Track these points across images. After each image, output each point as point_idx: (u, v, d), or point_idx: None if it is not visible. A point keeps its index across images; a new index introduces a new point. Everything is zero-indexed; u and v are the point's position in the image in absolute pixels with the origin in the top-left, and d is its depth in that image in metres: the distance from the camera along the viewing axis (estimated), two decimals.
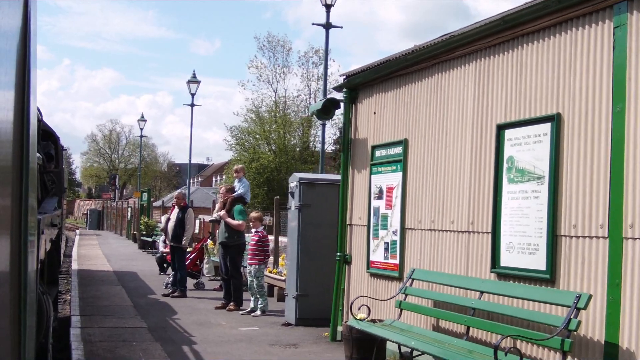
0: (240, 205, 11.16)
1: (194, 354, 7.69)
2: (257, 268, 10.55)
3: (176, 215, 12.40)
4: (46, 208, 5.90)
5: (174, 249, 12.44)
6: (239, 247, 11.12)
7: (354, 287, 8.39)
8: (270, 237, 13.88)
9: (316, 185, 9.66)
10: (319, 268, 9.53)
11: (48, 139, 8.00)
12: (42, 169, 6.28)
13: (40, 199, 5.69)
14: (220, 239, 11.07)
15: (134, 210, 32.06)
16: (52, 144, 8.09)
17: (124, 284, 14.31)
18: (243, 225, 11.03)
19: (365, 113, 8.39)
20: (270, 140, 46.97)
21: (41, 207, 5.59)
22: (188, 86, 23.88)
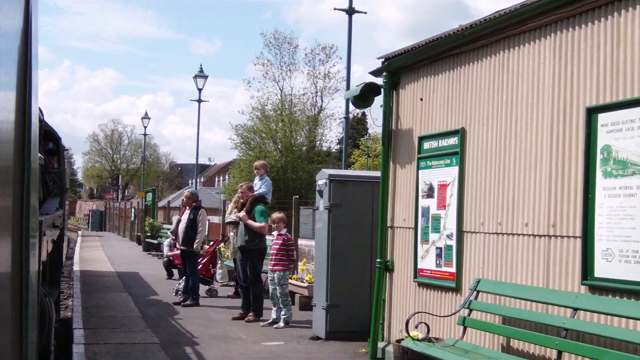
0: (262, 205, 10.12)
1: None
2: (281, 275, 9.52)
3: (187, 217, 11.36)
4: (48, 209, 5.76)
5: (185, 254, 11.40)
6: (259, 252, 10.08)
7: (398, 298, 7.34)
8: None
9: (348, 182, 8.61)
10: (352, 275, 8.49)
11: (50, 139, 7.97)
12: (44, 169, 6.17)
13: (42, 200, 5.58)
14: (240, 243, 10.01)
15: (138, 210, 31.02)
16: (53, 144, 8.10)
17: (130, 291, 13.28)
18: (265, 227, 9.99)
19: (410, 100, 7.35)
20: (277, 139, 45.93)
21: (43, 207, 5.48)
22: (195, 81, 22.83)
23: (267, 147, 46.87)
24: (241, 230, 9.98)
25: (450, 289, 6.42)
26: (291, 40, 50.93)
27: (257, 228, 9.84)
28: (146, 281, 15.15)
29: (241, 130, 46.24)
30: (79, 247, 26.95)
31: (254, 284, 9.97)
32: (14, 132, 1.86)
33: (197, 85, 22.85)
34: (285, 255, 9.58)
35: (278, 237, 9.61)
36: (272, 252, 9.65)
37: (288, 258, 9.63)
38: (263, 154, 45.56)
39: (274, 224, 9.72)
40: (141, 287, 14.11)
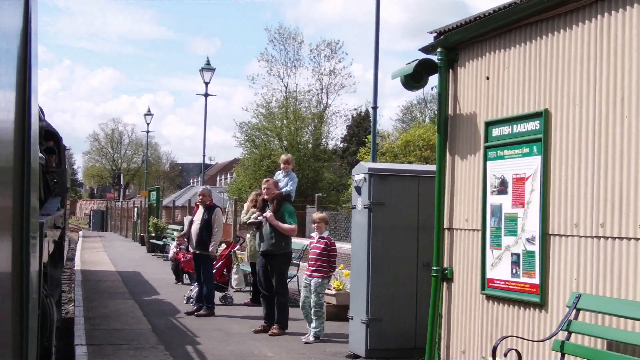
0: (290, 205, 9.02)
1: None
2: (319, 282, 8.41)
3: (201, 217, 10.23)
4: (49, 209, 5.67)
5: (199, 258, 10.27)
6: (286, 257, 8.97)
7: (459, 314, 6.22)
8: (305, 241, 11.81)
9: (390, 177, 7.49)
10: (396, 284, 7.38)
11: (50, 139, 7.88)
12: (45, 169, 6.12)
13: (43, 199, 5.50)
14: (264, 247, 8.88)
15: (141, 210, 29.91)
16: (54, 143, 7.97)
17: (136, 297, 12.17)
18: (295, 230, 8.89)
19: (472, 79, 6.23)
20: (282, 137, 44.81)
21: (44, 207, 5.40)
22: (201, 74, 21.70)
23: (272, 145, 45.79)
24: (266, 233, 8.87)
25: (531, 304, 5.30)
26: (296, 36, 49.88)
27: (287, 230, 8.73)
28: (153, 286, 14.05)
29: (245, 128, 45.15)
30: (80, 248, 25.86)
31: (279, 292, 8.85)
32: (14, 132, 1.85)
33: (204, 79, 21.72)
34: (327, 261, 8.48)
35: (319, 241, 8.50)
36: (312, 257, 8.55)
37: (329, 265, 8.53)
38: (268, 151, 44.48)
39: (315, 225, 8.60)
40: (148, 293, 13.01)
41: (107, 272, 16.81)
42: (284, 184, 9.18)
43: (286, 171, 9.32)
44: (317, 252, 8.47)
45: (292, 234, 8.87)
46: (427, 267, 7.24)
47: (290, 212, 8.88)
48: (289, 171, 9.35)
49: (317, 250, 8.48)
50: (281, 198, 8.95)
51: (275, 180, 9.21)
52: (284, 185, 9.13)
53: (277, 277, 8.81)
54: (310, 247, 8.68)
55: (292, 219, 8.83)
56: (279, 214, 8.81)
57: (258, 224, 9.09)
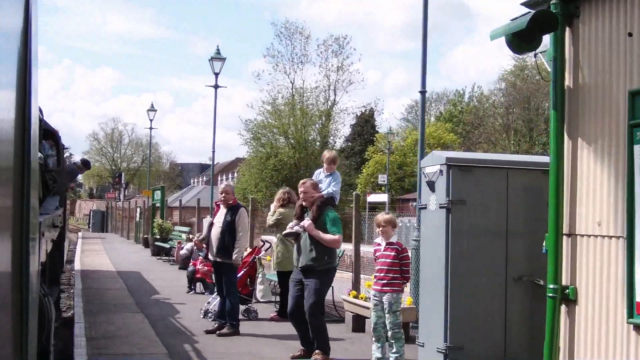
0: (334, 210, 7.46)
1: None
2: (394, 298, 6.88)
3: (223, 218, 8.68)
4: (47, 207, 5.66)
5: (221, 267, 8.72)
6: (328, 274, 7.41)
7: (588, 347, 4.69)
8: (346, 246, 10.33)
9: (475, 169, 5.96)
10: (482, 304, 5.86)
11: (49, 138, 7.90)
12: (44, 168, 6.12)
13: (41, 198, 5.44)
14: (303, 262, 7.32)
15: (144, 210, 28.36)
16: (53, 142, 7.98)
17: (145, 310, 10.63)
18: (340, 240, 7.32)
19: (604, 36, 4.69)
20: (289, 134, 43.26)
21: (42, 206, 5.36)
22: (211, 64, 20.13)
23: (278, 143, 44.28)
24: (305, 245, 7.32)
25: None
26: (303, 31, 48.37)
27: (330, 242, 7.18)
28: (163, 295, 12.50)
29: (251, 126, 43.63)
30: (80, 250, 24.31)
31: (313, 314, 7.27)
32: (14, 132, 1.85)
33: (214, 69, 20.15)
34: (399, 272, 6.96)
35: (388, 248, 6.98)
36: (381, 267, 7.03)
37: (402, 276, 7.01)
38: (275, 150, 42.95)
39: (380, 229, 7.07)
40: (158, 304, 11.46)
41: (110, 278, 15.26)
42: (325, 185, 7.62)
43: (329, 171, 7.75)
44: (388, 262, 6.94)
45: (336, 245, 7.32)
46: (518, 281, 5.73)
47: (334, 220, 7.31)
48: (333, 170, 7.77)
49: (386, 259, 6.96)
50: (322, 202, 7.40)
51: (314, 182, 7.63)
52: (326, 187, 7.58)
53: (314, 296, 7.25)
54: (377, 256, 7.16)
55: (336, 227, 7.27)
56: (320, 222, 7.27)
57: (296, 235, 7.53)
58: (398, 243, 7.12)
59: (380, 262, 7.16)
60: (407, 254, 7.10)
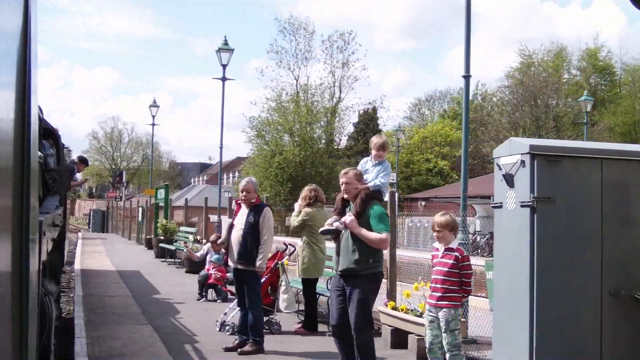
0: (380, 205, 6.34)
1: None
2: (452, 314, 5.86)
3: (245, 219, 7.60)
4: (47, 207, 5.46)
5: (242, 274, 7.63)
6: (375, 280, 6.28)
7: None
8: None
9: (565, 160, 4.88)
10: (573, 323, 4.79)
11: (49, 137, 7.71)
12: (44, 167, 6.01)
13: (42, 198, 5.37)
14: (343, 265, 6.23)
15: (147, 210, 27.26)
16: (53, 141, 7.79)
17: (154, 321, 9.55)
18: (387, 240, 6.21)
19: None
20: (294, 132, 42.16)
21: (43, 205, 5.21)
22: (218, 55, 19.03)
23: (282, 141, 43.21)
24: (346, 245, 6.23)
25: None
26: (307, 26, 47.31)
27: (374, 241, 6.08)
28: (171, 303, 11.43)
29: (255, 123, 42.55)
30: (80, 252, 23.22)
31: (360, 329, 6.17)
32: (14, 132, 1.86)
33: (221, 61, 19.04)
34: (458, 283, 5.91)
35: (446, 254, 5.94)
36: (437, 277, 5.98)
37: (462, 288, 5.95)
38: (279, 148, 41.88)
39: (437, 232, 6.01)
40: (167, 314, 10.38)
41: (113, 283, 14.17)
42: (372, 175, 6.49)
43: (378, 159, 6.60)
44: (444, 271, 5.89)
45: (382, 246, 6.21)
46: (615, 296, 4.66)
47: (381, 216, 6.20)
48: (384, 159, 6.64)
49: (443, 267, 5.91)
50: (367, 195, 6.30)
51: (358, 171, 6.51)
52: (373, 178, 6.46)
53: (360, 308, 6.16)
54: (434, 264, 6.10)
55: (382, 224, 6.16)
56: (364, 218, 6.19)
57: (335, 232, 6.45)
58: (458, 249, 6.06)
59: (436, 270, 6.12)
60: (469, 263, 6.02)
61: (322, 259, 8.96)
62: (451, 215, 6.19)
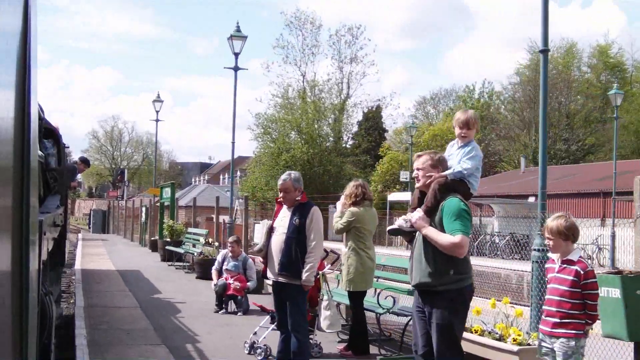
0: (460, 199, 4.86)
1: None
2: (572, 347, 4.50)
3: (288, 222, 6.15)
4: (48, 206, 5.41)
5: (284, 289, 6.18)
6: (459, 298, 4.74)
7: None
8: None
9: None
10: None
11: (50, 137, 7.53)
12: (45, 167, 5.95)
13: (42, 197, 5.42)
14: (416, 277, 4.77)
15: (151, 210, 25.81)
16: (54, 141, 7.54)
17: (168, 340, 8.12)
18: (462, 244, 4.69)
19: None
20: (302, 129, 40.70)
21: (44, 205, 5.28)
22: (230, 43, 17.60)
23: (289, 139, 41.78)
24: (418, 251, 4.79)
25: None
26: (314, 20, 45.90)
27: (447, 246, 4.58)
28: (186, 316, 9.97)
29: (262, 119, 41.10)
30: (80, 254, 21.77)
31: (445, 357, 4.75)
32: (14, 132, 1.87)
33: (233, 49, 17.60)
34: (581, 305, 4.50)
35: (564, 268, 4.57)
36: (552, 297, 4.59)
37: (585, 312, 4.54)
38: (287, 146, 40.44)
39: (550, 241, 4.60)
40: (183, 330, 8.93)
41: (117, 291, 12.71)
42: (455, 161, 5.02)
43: (463, 140, 5.12)
44: (562, 290, 4.51)
45: (456, 252, 4.62)
46: None
47: (457, 212, 4.67)
48: (471, 140, 5.15)
49: (560, 285, 4.52)
50: (442, 186, 4.84)
51: (436, 156, 5.03)
52: (456, 164, 4.99)
53: (440, 334, 4.71)
54: (549, 279, 4.69)
55: (458, 223, 4.62)
56: (437, 216, 4.74)
57: (405, 234, 5.02)
58: (579, 262, 4.62)
59: (551, 289, 4.69)
60: (594, 280, 4.59)
61: (371, 268, 7.53)
62: (567, 217, 4.74)
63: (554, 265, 4.70)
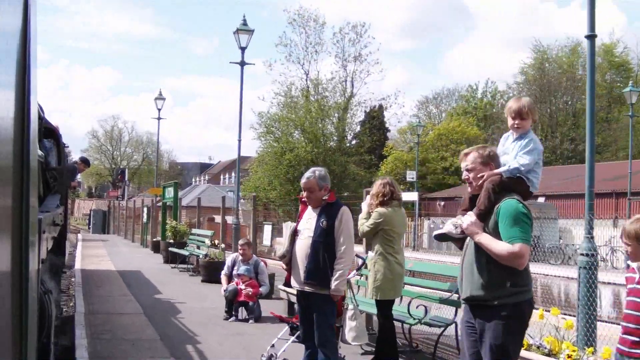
0: (518, 201, 4.16)
1: None
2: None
3: (315, 224, 5.48)
4: (48, 206, 5.36)
5: (310, 300, 5.53)
6: (518, 312, 4.04)
7: None
8: None
9: None
10: None
11: (50, 136, 7.63)
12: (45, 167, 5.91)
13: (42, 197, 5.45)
14: (467, 290, 4.10)
15: (153, 210, 25.14)
16: (54, 140, 7.72)
17: (177, 352, 7.48)
18: (521, 254, 3.97)
19: None
20: (306, 128, 40.02)
21: (43, 204, 5.26)
22: (236, 37, 16.92)
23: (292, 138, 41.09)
24: (469, 259, 4.13)
25: None
26: (317, 18, 45.21)
27: (504, 256, 3.91)
28: (194, 323, 9.29)
29: (265, 118, 40.41)
30: (80, 255, 21.11)
31: None
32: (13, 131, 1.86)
33: (240, 44, 16.93)
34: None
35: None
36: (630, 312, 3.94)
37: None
38: (291, 145, 39.77)
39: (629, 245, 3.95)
40: (192, 340, 8.27)
41: (120, 296, 12.05)
42: (511, 156, 4.34)
43: (519, 132, 4.42)
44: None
45: (515, 262, 3.93)
46: None
47: (515, 216, 3.99)
48: (527, 130, 4.44)
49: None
50: (497, 185, 4.17)
51: (487, 151, 4.34)
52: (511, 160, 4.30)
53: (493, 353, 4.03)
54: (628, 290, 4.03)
55: (517, 229, 3.95)
56: (491, 219, 4.07)
57: (455, 240, 4.35)
58: None
59: (630, 302, 4.03)
60: None
61: (400, 274, 6.86)
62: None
63: (635, 275, 4.04)
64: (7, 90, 1.79)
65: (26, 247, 2.04)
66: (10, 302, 1.83)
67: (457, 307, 6.67)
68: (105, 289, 12.99)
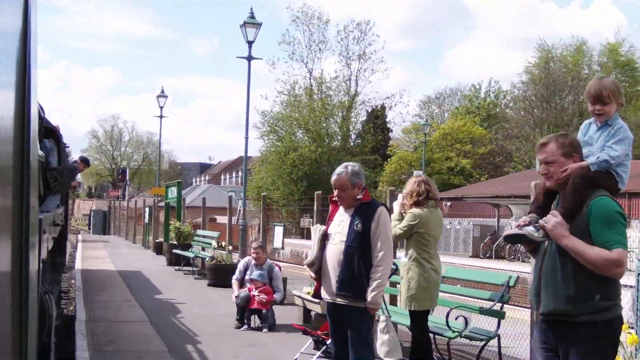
0: (610, 198, 3.53)
1: None
2: None
3: (349, 227, 4.83)
4: (48, 205, 5.28)
5: (344, 312, 4.86)
6: (610, 332, 3.46)
7: None
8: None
9: None
10: None
11: (50, 136, 7.50)
12: (45, 166, 5.86)
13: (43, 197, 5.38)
14: (549, 303, 3.47)
15: (154, 210, 24.47)
16: (54, 140, 7.58)
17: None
18: (622, 260, 3.40)
19: None
20: (310, 127, 39.34)
21: (44, 204, 5.15)
22: (243, 31, 16.27)
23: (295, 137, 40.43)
24: (552, 267, 3.47)
25: None
26: (321, 15, 44.53)
27: (600, 263, 3.28)
28: (204, 332, 8.63)
29: (268, 117, 39.76)
30: (81, 256, 20.46)
31: None
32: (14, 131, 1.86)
33: (246, 37, 16.29)
34: None
35: None
36: None
37: None
38: (295, 144, 39.11)
39: None
40: (203, 352, 7.61)
41: (123, 302, 11.39)
42: (597, 147, 3.69)
43: (603, 119, 3.74)
44: None
45: (612, 271, 3.34)
46: None
47: (613, 218, 3.40)
48: (614, 117, 3.78)
49: None
50: (586, 181, 3.53)
51: (569, 139, 3.70)
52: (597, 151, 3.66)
53: None
54: None
55: (617, 231, 3.37)
56: (581, 221, 3.43)
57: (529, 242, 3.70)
58: None
59: None
60: None
61: (437, 283, 6.21)
62: None
63: None
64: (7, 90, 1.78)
65: (26, 248, 2.03)
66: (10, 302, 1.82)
67: (501, 318, 6.02)
68: (107, 293, 12.33)
